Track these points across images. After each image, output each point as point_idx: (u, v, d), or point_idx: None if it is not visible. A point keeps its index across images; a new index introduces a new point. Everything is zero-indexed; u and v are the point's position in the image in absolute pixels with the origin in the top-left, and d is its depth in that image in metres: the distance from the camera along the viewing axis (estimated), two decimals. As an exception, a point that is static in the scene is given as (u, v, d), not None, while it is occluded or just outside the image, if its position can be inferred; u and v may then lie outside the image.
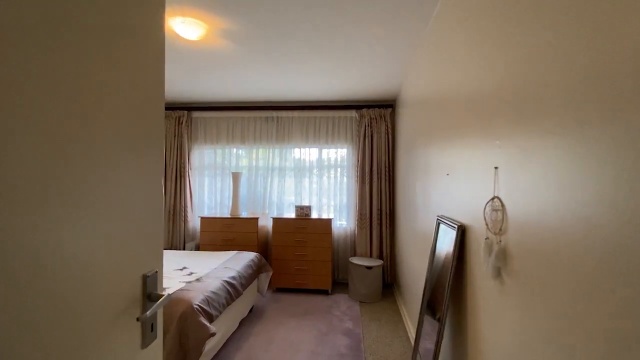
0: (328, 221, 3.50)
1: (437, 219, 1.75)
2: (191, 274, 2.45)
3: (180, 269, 2.58)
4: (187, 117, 4.16)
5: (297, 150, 4.04)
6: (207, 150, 4.26)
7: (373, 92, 3.55)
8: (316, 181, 4.01)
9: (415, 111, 2.62)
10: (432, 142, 2.00)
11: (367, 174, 3.78)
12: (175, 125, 4.17)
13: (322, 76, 3.04)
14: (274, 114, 4.07)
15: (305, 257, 3.51)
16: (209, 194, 4.26)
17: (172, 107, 4.22)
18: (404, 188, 3.11)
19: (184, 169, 4.13)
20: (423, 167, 2.26)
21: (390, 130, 3.81)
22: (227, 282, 2.31)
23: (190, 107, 4.17)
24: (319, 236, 3.49)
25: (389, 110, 3.82)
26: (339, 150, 4.01)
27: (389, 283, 3.78)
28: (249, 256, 2.98)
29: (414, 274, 2.47)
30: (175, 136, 4.16)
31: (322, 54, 2.60)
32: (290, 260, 3.53)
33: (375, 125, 3.84)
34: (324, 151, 4.02)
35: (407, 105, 3.03)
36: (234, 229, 3.64)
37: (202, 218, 3.71)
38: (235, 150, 4.18)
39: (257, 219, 3.62)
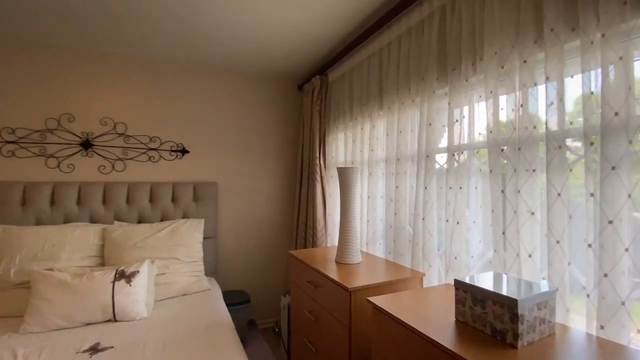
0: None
1: None
2: None
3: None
4: (320, 85, 2.58)
5: (503, 95, 1.20)
6: (340, 134, 2.41)
7: None
8: (584, 193, 0.96)
9: None
10: None
11: None
12: (309, 103, 2.73)
13: None
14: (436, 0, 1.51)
15: None
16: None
17: (309, 76, 2.82)
18: None
19: (314, 167, 2.55)
20: None
21: None
22: None
23: (324, 67, 2.55)
24: None
25: None
26: None
27: None
28: None
29: None
30: (309, 118, 2.72)
31: None
32: None
33: None
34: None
35: None
36: (320, 296, 1.54)
37: (290, 254, 1.93)
38: (369, 120, 2.01)
39: (349, 293, 1.30)
